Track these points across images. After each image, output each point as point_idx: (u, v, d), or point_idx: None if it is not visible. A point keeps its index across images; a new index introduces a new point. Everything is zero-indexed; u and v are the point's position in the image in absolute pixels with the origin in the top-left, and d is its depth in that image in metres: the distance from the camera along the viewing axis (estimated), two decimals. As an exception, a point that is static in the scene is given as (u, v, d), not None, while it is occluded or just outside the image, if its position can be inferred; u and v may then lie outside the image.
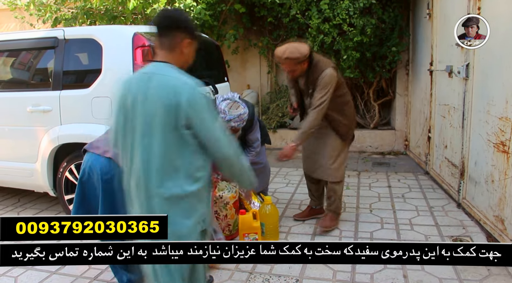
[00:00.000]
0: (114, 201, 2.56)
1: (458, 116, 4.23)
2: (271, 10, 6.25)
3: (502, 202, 3.34)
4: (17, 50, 4.38)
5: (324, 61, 3.57)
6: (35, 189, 4.40)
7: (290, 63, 3.43)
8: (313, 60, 3.52)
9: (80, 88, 3.92)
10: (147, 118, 1.86)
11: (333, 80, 3.47)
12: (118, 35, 3.89)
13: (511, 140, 3.20)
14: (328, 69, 3.48)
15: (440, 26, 4.92)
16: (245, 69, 7.25)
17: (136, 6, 5.49)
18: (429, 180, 5.26)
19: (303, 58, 3.41)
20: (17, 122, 4.18)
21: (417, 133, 6.01)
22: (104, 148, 2.63)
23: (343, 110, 3.67)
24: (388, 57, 6.13)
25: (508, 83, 3.24)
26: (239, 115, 3.37)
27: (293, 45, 3.46)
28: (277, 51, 3.48)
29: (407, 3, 6.38)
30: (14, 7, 6.49)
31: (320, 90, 3.46)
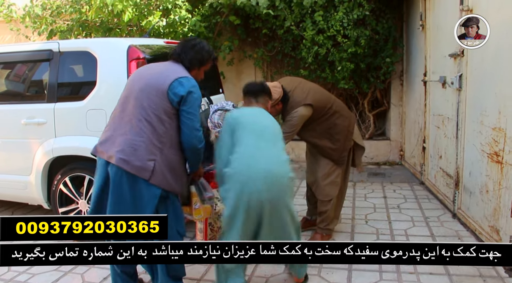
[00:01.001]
0: (121, 205, 2.57)
1: (452, 126, 4.25)
2: (265, 22, 6.28)
3: (497, 212, 3.34)
4: (12, 62, 4.38)
5: (296, 100, 3.50)
6: (29, 202, 4.37)
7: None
8: (288, 100, 3.49)
9: (74, 101, 3.91)
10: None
11: (301, 120, 3.47)
12: (113, 48, 3.91)
13: (504, 150, 3.21)
14: (299, 109, 3.46)
15: (433, 37, 4.97)
16: (240, 80, 7.25)
17: (131, 18, 5.50)
18: (424, 190, 5.27)
19: (274, 102, 3.37)
20: (11, 135, 4.16)
21: (412, 143, 6.03)
22: (109, 153, 2.60)
23: (331, 135, 3.63)
24: (382, 68, 6.16)
25: (500, 94, 3.27)
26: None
27: None
28: None
29: (401, 14, 6.44)
30: (9, 19, 6.49)
31: (286, 128, 3.45)
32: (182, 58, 2.76)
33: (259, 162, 2.63)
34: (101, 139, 2.72)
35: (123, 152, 2.54)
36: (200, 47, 2.79)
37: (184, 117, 2.62)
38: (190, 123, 2.63)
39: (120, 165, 2.53)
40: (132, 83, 2.73)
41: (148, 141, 2.56)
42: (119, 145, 2.57)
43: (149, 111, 2.58)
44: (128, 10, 5.38)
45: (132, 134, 2.57)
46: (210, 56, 2.85)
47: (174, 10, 5.80)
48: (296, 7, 5.94)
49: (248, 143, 2.70)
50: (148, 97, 2.59)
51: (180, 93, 2.58)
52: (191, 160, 2.80)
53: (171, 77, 2.62)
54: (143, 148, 2.55)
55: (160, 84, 2.60)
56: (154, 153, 2.57)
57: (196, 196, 3.05)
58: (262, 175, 2.58)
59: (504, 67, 3.21)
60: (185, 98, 2.59)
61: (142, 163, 2.54)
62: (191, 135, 2.64)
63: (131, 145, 2.55)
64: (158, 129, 2.58)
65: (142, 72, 2.80)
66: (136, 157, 2.54)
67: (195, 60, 2.77)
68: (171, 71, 2.68)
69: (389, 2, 6.13)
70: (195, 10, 6.14)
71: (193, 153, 2.73)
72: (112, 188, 2.58)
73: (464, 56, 3.93)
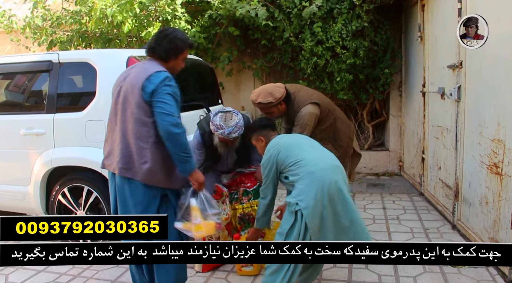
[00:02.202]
0: (126, 211, 2.68)
1: (451, 137, 4.25)
2: (264, 33, 6.32)
3: (496, 224, 3.33)
4: (12, 73, 4.39)
5: (300, 100, 3.50)
6: (27, 212, 4.35)
7: (264, 107, 3.44)
8: (291, 100, 3.49)
9: (74, 111, 3.92)
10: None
11: (311, 117, 3.45)
12: (112, 59, 3.92)
13: (504, 162, 3.21)
14: (306, 107, 3.45)
15: (432, 48, 4.99)
16: (239, 90, 7.28)
17: (131, 29, 5.53)
18: (423, 201, 5.26)
19: (277, 101, 3.39)
20: (10, 145, 4.16)
21: (411, 154, 6.03)
22: (113, 166, 2.71)
23: (335, 140, 3.63)
24: (381, 79, 6.19)
25: (499, 105, 3.27)
26: (236, 124, 3.34)
27: (267, 88, 3.46)
28: (252, 96, 3.50)
29: (399, 25, 6.48)
30: (10, 30, 6.52)
31: (298, 129, 3.44)
32: (157, 50, 2.72)
33: (323, 160, 2.80)
34: (105, 152, 2.81)
35: (121, 162, 2.65)
36: (174, 36, 2.73)
37: (154, 108, 2.57)
38: (160, 110, 2.55)
39: (122, 174, 2.65)
40: (113, 92, 2.78)
41: (138, 147, 2.62)
42: (118, 156, 2.67)
43: (131, 119, 2.61)
44: (128, 21, 5.41)
45: (125, 143, 2.65)
46: (185, 44, 2.78)
47: (174, 21, 5.83)
48: (295, 18, 5.98)
49: (302, 150, 2.83)
50: (128, 105, 2.62)
51: (149, 90, 2.55)
52: (173, 152, 2.61)
53: (142, 77, 2.59)
54: (135, 154, 2.62)
55: (135, 88, 2.59)
56: (145, 155, 2.62)
57: (197, 210, 2.80)
58: (331, 167, 2.75)
59: (503, 79, 3.22)
60: (154, 91, 2.55)
61: (139, 168, 2.62)
62: (163, 122, 2.55)
63: (125, 154, 2.64)
64: (142, 131, 2.61)
65: (120, 78, 2.79)
66: (132, 163, 2.63)
67: (170, 50, 2.72)
68: (142, 72, 2.64)
69: (388, 13, 6.18)
70: (195, 21, 6.17)
71: (172, 141, 2.57)
72: (118, 196, 2.72)
73: (462, 67, 3.94)
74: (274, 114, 3.51)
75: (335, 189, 2.64)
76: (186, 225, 2.78)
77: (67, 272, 3.53)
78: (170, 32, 2.75)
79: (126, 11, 5.28)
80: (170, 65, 2.74)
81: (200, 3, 6.32)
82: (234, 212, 3.69)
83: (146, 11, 5.82)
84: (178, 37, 2.75)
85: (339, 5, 5.87)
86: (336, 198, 2.64)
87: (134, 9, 5.36)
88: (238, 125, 3.34)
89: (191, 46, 2.90)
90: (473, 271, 3.30)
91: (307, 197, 2.61)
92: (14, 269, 3.58)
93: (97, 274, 3.50)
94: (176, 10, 5.76)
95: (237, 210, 3.68)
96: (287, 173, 2.78)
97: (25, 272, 3.53)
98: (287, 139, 2.98)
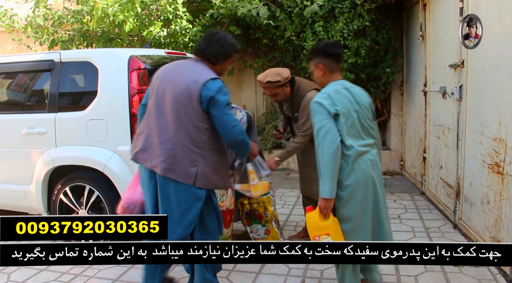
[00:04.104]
0: (169, 210, 2.67)
1: (453, 136, 4.25)
2: (266, 32, 6.32)
3: (498, 223, 3.33)
4: (14, 72, 4.40)
5: (306, 84, 3.63)
6: (29, 211, 4.36)
7: (271, 87, 3.54)
8: (295, 83, 3.61)
9: (75, 111, 3.92)
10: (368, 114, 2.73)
11: None
12: (114, 58, 3.92)
13: (505, 161, 3.21)
14: (311, 91, 3.53)
15: (433, 47, 4.98)
16: (240, 90, 7.29)
17: (133, 28, 5.54)
18: (425, 200, 5.26)
19: (284, 81, 3.51)
20: (12, 144, 4.16)
21: (413, 153, 6.03)
22: (152, 163, 2.69)
23: None
24: (383, 78, 6.18)
25: (501, 105, 3.27)
26: (240, 120, 3.42)
27: (274, 69, 3.59)
28: (259, 76, 3.58)
29: (401, 25, 6.47)
30: (11, 29, 6.53)
31: (305, 113, 3.51)
32: (207, 53, 2.77)
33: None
34: (139, 146, 2.79)
35: (166, 162, 2.64)
36: (225, 41, 2.80)
37: (217, 120, 2.66)
38: (223, 124, 2.66)
39: (166, 174, 2.64)
40: (162, 89, 2.74)
41: (187, 150, 2.65)
42: (161, 155, 2.66)
43: (185, 120, 2.64)
44: (129, 21, 5.41)
45: (172, 144, 2.65)
46: (234, 49, 2.86)
47: (175, 20, 5.84)
48: (296, 17, 5.98)
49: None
50: (182, 106, 2.64)
51: (206, 99, 2.61)
52: (239, 152, 2.94)
53: (199, 83, 2.63)
54: (184, 157, 2.64)
55: (191, 91, 2.63)
56: (196, 159, 2.66)
57: (253, 173, 3.20)
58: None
59: (505, 78, 3.21)
60: (213, 102, 2.62)
61: (186, 171, 2.64)
62: (229, 134, 2.69)
63: (173, 155, 2.64)
64: (195, 136, 2.66)
65: (171, 77, 2.77)
66: (178, 166, 2.64)
67: (220, 54, 2.78)
68: (195, 76, 2.69)
69: (389, 12, 6.17)
70: (196, 20, 6.18)
71: (238, 146, 2.81)
72: (160, 195, 2.70)
73: (464, 66, 3.93)
74: (280, 96, 3.61)
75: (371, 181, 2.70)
76: (244, 186, 3.25)
77: (68, 271, 3.54)
78: (222, 37, 2.81)
79: (128, 10, 5.29)
80: (217, 68, 2.80)
81: (202, 3, 6.34)
82: (242, 207, 3.74)
83: (147, 10, 5.82)
84: (229, 42, 2.82)
85: (340, 4, 5.87)
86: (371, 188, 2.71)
87: (135, 8, 5.37)
88: (242, 121, 3.43)
89: (238, 51, 3.12)
90: (474, 271, 3.30)
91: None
92: (16, 268, 3.59)
93: (99, 273, 3.51)
94: (178, 9, 5.77)
95: (245, 205, 3.71)
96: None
97: (26, 271, 3.54)
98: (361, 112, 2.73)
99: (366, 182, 2.59)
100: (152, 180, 2.74)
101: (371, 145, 2.69)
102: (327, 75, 2.74)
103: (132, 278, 3.40)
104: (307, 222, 2.78)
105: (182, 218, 2.65)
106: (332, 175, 2.50)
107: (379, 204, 2.68)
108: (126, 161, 3.67)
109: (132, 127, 3.66)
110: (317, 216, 2.62)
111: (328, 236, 2.65)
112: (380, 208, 2.68)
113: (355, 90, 2.74)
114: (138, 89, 3.66)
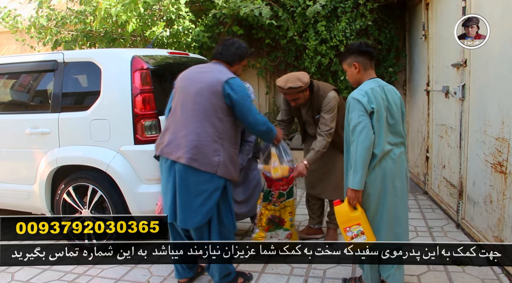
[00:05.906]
0: (188, 197, 2.84)
1: (455, 136, 4.24)
2: (268, 32, 6.32)
3: (501, 223, 3.32)
4: (17, 73, 4.41)
5: (325, 86, 3.73)
6: (32, 211, 4.37)
7: (293, 92, 3.58)
8: (314, 86, 3.67)
9: (79, 111, 3.93)
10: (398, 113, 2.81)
11: (336, 102, 3.65)
12: (117, 58, 3.93)
13: (508, 160, 3.20)
14: (330, 92, 3.65)
15: (436, 46, 4.98)
16: (243, 89, 7.29)
17: (135, 28, 5.55)
18: (427, 200, 5.25)
19: (305, 86, 3.56)
20: (15, 144, 4.18)
21: (415, 152, 6.02)
22: (177, 154, 2.88)
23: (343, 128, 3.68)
24: (385, 77, 6.17)
25: (503, 104, 3.26)
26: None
27: (294, 74, 3.65)
28: (279, 82, 3.64)
29: (403, 24, 6.46)
30: (15, 29, 6.55)
31: (328, 112, 3.61)
32: (224, 55, 3.12)
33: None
34: (164, 141, 2.99)
35: (190, 152, 2.86)
36: (239, 45, 3.17)
37: (242, 116, 2.99)
38: (248, 119, 3.01)
39: (190, 164, 2.84)
40: (185, 87, 3.02)
41: (211, 140, 2.90)
42: (185, 146, 2.88)
43: (209, 112, 2.91)
44: (132, 21, 5.43)
45: (196, 135, 2.89)
46: (247, 52, 3.22)
47: (178, 20, 5.85)
48: (299, 17, 5.98)
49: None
50: (206, 100, 2.92)
51: (231, 94, 2.92)
52: (265, 138, 3.37)
53: (222, 78, 2.94)
54: (208, 147, 2.89)
55: (215, 87, 2.92)
56: (218, 149, 2.91)
57: (275, 156, 3.43)
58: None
59: (507, 77, 3.21)
60: (236, 99, 2.93)
61: (209, 160, 2.88)
62: (254, 127, 3.09)
63: (197, 145, 2.87)
64: (218, 128, 2.93)
65: (193, 76, 3.07)
66: (203, 155, 2.87)
67: (236, 56, 3.13)
68: (217, 75, 2.98)
69: (392, 12, 6.16)
70: (199, 20, 6.19)
71: (264, 134, 3.24)
72: (179, 186, 2.87)
73: (467, 66, 3.93)
74: (300, 100, 3.67)
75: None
76: (266, 167, 3.48)
77: (72, 271, 3.55)
78: (236, 41, 3.18)
79: (131, 11, 5.31)
80: (233, 69, 3.13)
81: (204, 3, 6.34)
82: (266, 212, 3.65)
83: (150, 11, 5.84)
84: (243, 45, 3.19)
85: (343, 4, 5.87)
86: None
87: (138, 9, 5.39)
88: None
89: (251, 55, 3.51)
90: (477, 270, 3.29)
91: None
92: (19, 268, 3.60)
93: (102, 272, 3.51)
94: (180, 10, 5.78)
95: (269, 211, 3.67)
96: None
97: (30, 271, 3.55)
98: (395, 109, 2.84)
99: (383, 179, 2.70)
100: (171, 174, 2.92)
101: (396, 144, 2.79)
102: (362, 73, 2.91)
103: (136, 277, 3.40)
104: (336, 215, 2.84)
105: (201, 206, 2.82)
106: (363, 168, 2.65)
107: (398, 201, 2.75)
108: (129, 161, 3.68)
109: (135, 127, 3.67)
110: (347, 207, 2.75)
111: (359, 226, 2.74)
112: (398, 205, 2.74)
113: (388, 88, 2.86)
114: (141, 89, 3.68)
